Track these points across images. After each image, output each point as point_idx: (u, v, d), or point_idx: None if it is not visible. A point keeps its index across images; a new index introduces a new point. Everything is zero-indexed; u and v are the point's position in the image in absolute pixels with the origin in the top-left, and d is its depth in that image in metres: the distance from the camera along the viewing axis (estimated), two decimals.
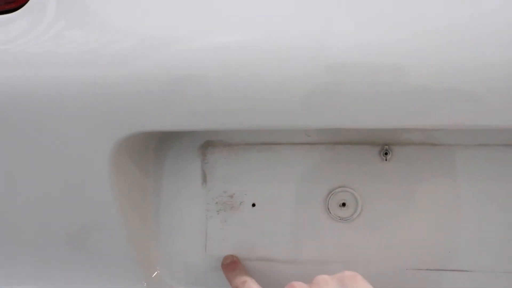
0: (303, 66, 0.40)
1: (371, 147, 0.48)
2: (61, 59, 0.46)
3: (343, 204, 0.48)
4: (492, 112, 0.40)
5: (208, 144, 0.51)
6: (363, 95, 0.40)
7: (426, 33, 0.39)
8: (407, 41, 0.39)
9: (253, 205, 0.50)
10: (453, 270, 0.48)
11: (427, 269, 0.48)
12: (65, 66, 0.46)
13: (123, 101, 0.44)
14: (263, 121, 0.42)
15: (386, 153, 0.48)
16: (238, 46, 0.41)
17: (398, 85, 0.39)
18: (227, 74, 0.41)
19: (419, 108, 0.40)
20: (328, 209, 0.49)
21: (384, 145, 0.48)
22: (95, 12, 0.47)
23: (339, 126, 0.41)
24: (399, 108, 0.40)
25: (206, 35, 0.42)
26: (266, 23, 0.41)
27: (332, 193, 0.49)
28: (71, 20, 0.47)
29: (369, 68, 0.39)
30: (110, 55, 0.44)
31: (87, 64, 0.45)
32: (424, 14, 0.39)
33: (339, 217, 0.49)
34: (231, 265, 0.48)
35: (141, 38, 0.44)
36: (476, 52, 0.39)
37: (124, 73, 0.44)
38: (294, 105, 0.41)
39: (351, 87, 0.40)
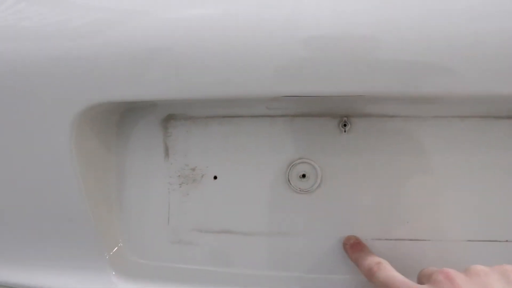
0: (268, 36, 0.41)
1: (330, 119, 0.49)
2: (23, 33, 0.46)
3: (303, 176, 0.49)
4: (454, 81, 0.41)
5: (170, 117, 0.51)
6: (328, 64, 0.41)
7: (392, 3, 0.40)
8: (371, 11, 0.40)
9: (215, 177, 0.51)
10: (411, 240, 0.49)
11: (386, 239, 0.49)
12: (26, 40, 0.46)
13: (85, 73, 0.44)
14: (228, 90, 0.43)
15: (344, 125, 0.49)
16: (204, 18, 0.42)
17: (364, 54, 0.40)
18: (191, 45, 0.42)
19: (387, 77, 0.40)
20: (289, 180, 0.49)
21: (342, 117, 0.49)
22: None
23: (307, 94, 0.42)
24: (365, 76, 0.41)
25: (172, 7, 0.43)
26: None
27: (292, 164, 0.49)
28: None
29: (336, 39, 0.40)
30: (72, 28, 0.45)
31: (49, 37, 0.45)
32: None
33: (300, 188, 0.49)
34: (357, 246, 0.47)
35: (103, 11, 0.44)
36: (438, 22, 0.40)
37: (86, 45, 0.44)
38: (260, 73, 0.41)
39: (317, 56, 0.40)
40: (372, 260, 0.43)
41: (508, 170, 0.48)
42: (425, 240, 0.49)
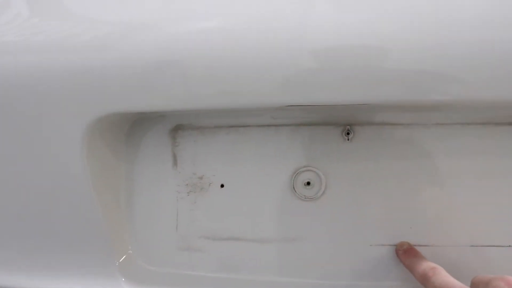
0: (274, 48, 0.42)
1: (334, 127, 0.50)
2: (36, 47, 0.48)
3: (308, 183, 0.50)
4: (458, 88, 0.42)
5: (178, 127, 0.53)
6: (332, 74, 0.42)
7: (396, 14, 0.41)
8: (374, 22, 0.41)
9: (222, 185, 0.52)
10: (415, 245, 0.50)
11: (390, 245, 0.50)
12: (40, 53, 0.48)
13: (96, 85, 0.46)
14: (234, 101, 0.44)
15: (348, 133, 0.50)
16: (212, 31, 0.43)
17: (366, 64, 0.41)
18: (199, 57, 0.43)
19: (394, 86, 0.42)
20: (294, 188, 0.50)
21: (346, 126, 0.50)
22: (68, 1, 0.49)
23: (312, 103, 0.43)
24: (368, 85, 0.42)
25: (180, 20, 0.44)
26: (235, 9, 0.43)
27: (297, 172, 0.50)
28: (43, 10, 0.49)
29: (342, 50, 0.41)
30: (84, 41, 0.46)
31: (62, 51, 0.47)
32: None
33: (304, 195, 0.50)
34: (411, 252, 0.47)
35: (113, 25, 0.46)
36: (439, 31, 0.41)
37: (97, 58, 0.46)
38: (267, 84, 0.43)
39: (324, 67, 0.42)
40: (427, 266, 0.43)
41: (511, 175, 0.49)
42: (428, 245, 0.50)
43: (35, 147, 0.49)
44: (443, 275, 0.42)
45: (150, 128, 0.53)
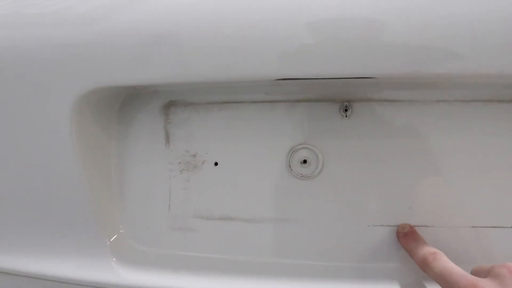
0: (268, 19, 0.41)
1: (331, 104, 0.49)
2: (26, 20, 0.47)
3: (304, 161, 0.49)
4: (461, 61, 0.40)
5: (170, 104, 0.51)
6: (328, 46, 0.41)
7: None
8: None
9: (216, 164, 0.50)
10: (415, 226, 0.48)
11: (388, 225, 0.49)
12: (29, 26, 0.46)
13: (86, 57, 0.45)
14: (229, 73, 0.43)
15: (346, 110, 0.48)
16: (203, 2, 0.42)
17: (365, 37, 0.40)
18: (192, 29, 0.42)
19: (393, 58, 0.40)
20: (290, 166, 0.49)
21: (343, 102, 0.48)
22: None
23: (308, 76, 0.42)
24: (367, 58, 0.41)
25: None
26: None
27: (293, 150, 0.49)
28: None
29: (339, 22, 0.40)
30: (74, 14, 0.45)
31: (51, 23, 0.46)
32: None
33: (301, 174, 0.49)
34: (412, 235, 0.46)
35: None
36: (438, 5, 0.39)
37: (87, 31, 0.44)
38: (261, 56, 0.41)
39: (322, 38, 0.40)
40: (427, 250, 0.43)
41: None
42: (428, 226, 0.48)
43: (22, 124, 0.47)
44: (443, 260, 0.41)
45: (141, 105, 0.52)
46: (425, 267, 0.42)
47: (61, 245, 0.50)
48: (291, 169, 0.49)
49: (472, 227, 0.48)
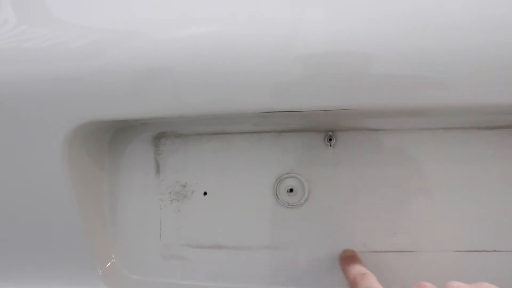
0: (257, 55, 0.42)
1: (316, 134, 0.50)
2: (24, 55, 0.48)
3: (291, 190, 0.50)
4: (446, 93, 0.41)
5: (161, 135, 0.52)
6: (314, 80, 0.42)
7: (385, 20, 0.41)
8: (359, 28, 0.41)
9: (205, 193, 0.52)
10: (400, 251, 0.49)
11: (374, 251, 0.50)
12: (26, 61, 0.47)
13: (78, 92, 0.45)
14: (219, 107, 0.44)
15: (330, 139, 0.50)
16: (194, 38, 0.43)
17: (350, 69, 0.41)
18: (183, 65, 0.43)
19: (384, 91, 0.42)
20: (277, 195, 0.50)
21: (328, 132, 0.50)
22: (51, 9, 0.49)
23: (295, 109, 0.43)
24: (351, 90, 0.42)
25: (165, 28, 0.44)
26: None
27: (280, 179, 0.50)
28: (26, 17, 0.49)
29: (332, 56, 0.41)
30: (69, 49, 0.46)
31: (45, 58, 0.47)
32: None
33: (288, 202, 0.50)
34: (351, 259, 0.47)
35: (98, 32, 0.46)
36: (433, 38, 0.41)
37: (80, 66, 0.45)
38: (250, 90, 0.43)
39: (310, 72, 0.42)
40: (358, 271, 0.44)
41: (493, 179, 0.49)
42: (413, 251, 0.49)
43: (15, 155, 0.49)
44: (370, 281, 0.42)
45: (132, 137, 0.53)
46: (354, 287, 0.43)
47: (53, 275, 0.51)
48: (278, 198, 0.50)
49: (457, 251, 0.49)
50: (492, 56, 0.40)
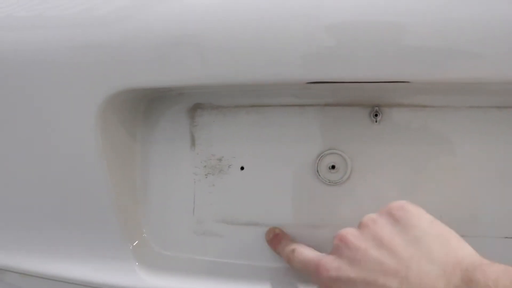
0: (299, 22, 0.40)
1: (361, 108, 0.48)
2: (48, 22, 0.46)
3: (333, 167, 0.48)
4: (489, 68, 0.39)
5: (197, 106, 0.50)
6: (361, 50, 0.40)
7: None
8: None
9: (242, 168, 0.49)
10: None
11: None
12: (52, 28, 0.46)
13: (111, 59, 0.44)
14: (255, 76, 0.42)
15: (376, 115, 0.47)
16: (231, 3, 0.41)
17: (395, 40, 0.39)
18: (218, 31, 0.41)
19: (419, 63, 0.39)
20: (318, 172, 0.48)
21: (374, 107, 0.47)
22: None
23: (336, 80, 0.41)
24: (396, 62, 0.40)
25: None
26: None
27: (321, 155, 0.48)
28: None
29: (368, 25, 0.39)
30: (97, 15, 0.45)
31: (75, 25, 0.45)
32: None
33: (329, 180, 0.48)
34: (276, 239, 0.47)
35: None
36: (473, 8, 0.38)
37: (111, 32, 0.44)
38: (288, 59, 0.41)
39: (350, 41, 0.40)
40: (288, 249, 0.43)
41: None
42: (461, 236, 0.47)
43: (47, 125, 0.47)
44: (300, 252, 0.41)
45: (167, 107, 0.51)
46: (291, 265, 0.43)
47: (83, 248, 0.49)
48: (319, 175, 0.48)
49: (506, 237, 0.46)
50: None
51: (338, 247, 0.38)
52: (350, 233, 0.38)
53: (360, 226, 0.38)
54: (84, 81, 0.45)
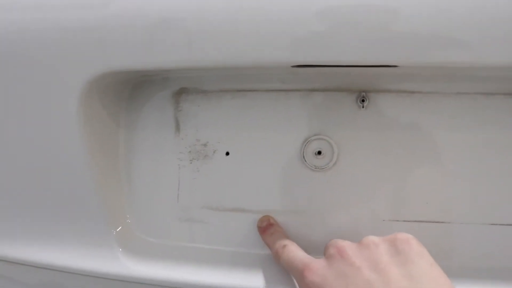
0: (286, 5, 0.39)
1: (348, 94, 0.47)
2: (33, 3, 0.45)
3: (319, 153, 0.47)
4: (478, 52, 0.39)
5: (182, 91, 0.50)
6: (344, 33, 0.39)
7: None
8: None
9: (227, 153, 0.49)
10: (431, 222, 0.47)
11: (404, 220, 0.47)
12: (36, 9, 0.45)
13: (95, 41, 0.43)
14: (241, 59, 0.41)
15: (363, 100, 0.47)
16: None
17: (382, 23, 0.38)
18: (205, 13, 0.40)
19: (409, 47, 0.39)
20: (304, 157, 0.47)
21: (361, 92, 0.47)
22: None
23: (322, 63, 0.40)
24: (385, 45, 0.39)
25: None
26: None
27: (307, 141, 0.47)
28: None
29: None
30: None
31: (59, 6, 0.44)
32: None
33: (315, 166, 0.47)
34: (269, 228, 0.46)
35: None
36: None
37: (96, 14, 0.43)
38: (275, 41, 0.40)
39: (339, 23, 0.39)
40: (279, 244, 0.43)
41: None
42: (445, 222, 0.47)
43: (28, 110, 0.46)
44: (290, 250, 0.41)
45: (151, 92, 0.50)
46: (278, 260, 0.42)
47: (66, 234, 0.49)
48: (305, 160, 0.47)
49: (492, 224, 0.46)
50: None
51: (332, 256, 0.37)
52: (349, 247, 0.37)
53: (361, 244, 0.37)
54: (66, 62, 0.44)
